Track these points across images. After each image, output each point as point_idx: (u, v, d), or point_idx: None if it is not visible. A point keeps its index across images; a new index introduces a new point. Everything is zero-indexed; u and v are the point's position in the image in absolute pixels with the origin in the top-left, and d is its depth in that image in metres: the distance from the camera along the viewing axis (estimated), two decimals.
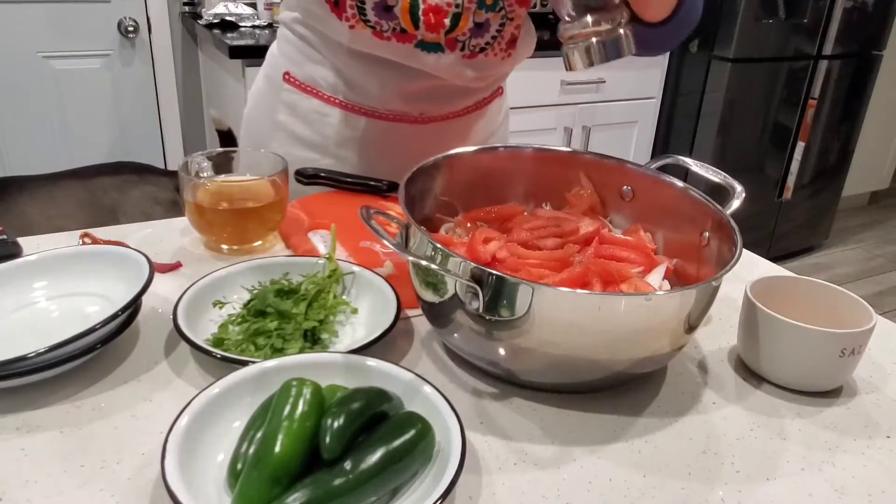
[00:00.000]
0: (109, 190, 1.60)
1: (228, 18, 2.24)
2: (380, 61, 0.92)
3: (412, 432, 0.48)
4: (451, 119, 1.02)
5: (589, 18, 0.71)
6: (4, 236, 0.78)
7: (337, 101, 0.98)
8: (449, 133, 1.02)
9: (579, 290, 0.58)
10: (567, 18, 0.73)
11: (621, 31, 0.72)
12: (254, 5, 2.33)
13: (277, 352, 0.61)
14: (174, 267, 0.78)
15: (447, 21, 0.87)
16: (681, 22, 0.79)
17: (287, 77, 1.01)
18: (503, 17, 0.91)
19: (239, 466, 0.47)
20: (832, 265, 3.32)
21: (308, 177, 0.94)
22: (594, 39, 0.71)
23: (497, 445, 0.55)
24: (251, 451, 0.47)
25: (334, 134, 1.00)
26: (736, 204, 0.69)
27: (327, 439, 0.46)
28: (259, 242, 0.84)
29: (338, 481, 0.45)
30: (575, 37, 0.72)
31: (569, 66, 0.73)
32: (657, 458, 0.55)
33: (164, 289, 0.73)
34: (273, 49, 1.06)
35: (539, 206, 0.81)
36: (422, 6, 0.86)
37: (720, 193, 0.70)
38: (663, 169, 0.76)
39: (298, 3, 0.95)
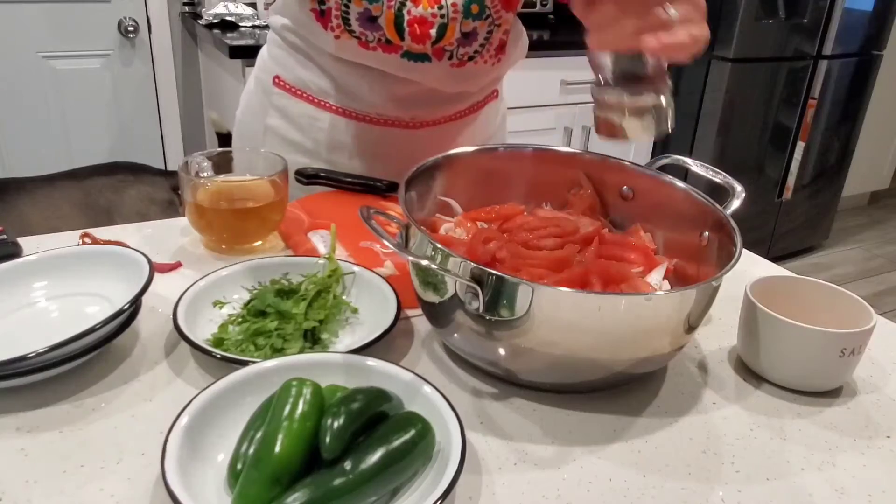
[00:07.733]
0: (105, 190, 1.60)
1: (228, 18, 2.24)
2: (369, 66, 0.91)
3: (412, 432, 0.48)
4: (444, 123, 1.01)
5: (626, 96, 0.61)
6: (4, 236, 0.78)
7: (327, 105, 0.97)
8: (442, 138, 1.01)
9: (579, 290, 0.58)
10: (602, 82, 0.63)
11: (663, 103, 0.61)
12: (254, 5, 2.32)
13: (277, 352, 0.61)
14: (174, 267, 0.78)
15: (433, 32, 0.86)
16: None
17: (277, 81, 1.00)
18: (490, 25, 0.89)
19: (239, 466, 0.47)
20: (832, 265, 3.31)
21: (308, 177, 0.94)
22: (628, 113, 0.61)
23: (497, 445, 0.55)
24: (251, 451, 0.47)
25: (325, 139, 0.99)
26: (736, 204, 0.69)
27: (327, 439, 0.46)
28: (259, 242, 0.84)
29: (338, 481, 0.45)
30: (609, 105, 0.62)
31: (597, 131, 0.64)
32: (657, 458, 0.55)
33: (164, 289, 0.73)
34: (263, 52, 1.05)
35: (539, 206, 0.80)
36: (406, 17, 0.85)
37: (720, 193, 0.70)
38: (663, 169, 0.76)
39: (286, 10, 0.94)
